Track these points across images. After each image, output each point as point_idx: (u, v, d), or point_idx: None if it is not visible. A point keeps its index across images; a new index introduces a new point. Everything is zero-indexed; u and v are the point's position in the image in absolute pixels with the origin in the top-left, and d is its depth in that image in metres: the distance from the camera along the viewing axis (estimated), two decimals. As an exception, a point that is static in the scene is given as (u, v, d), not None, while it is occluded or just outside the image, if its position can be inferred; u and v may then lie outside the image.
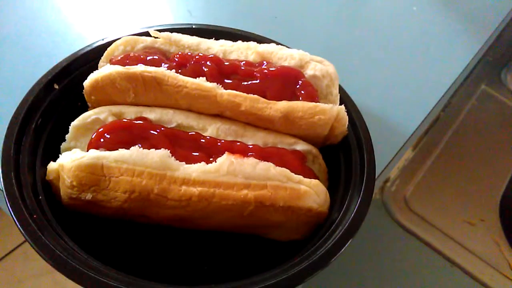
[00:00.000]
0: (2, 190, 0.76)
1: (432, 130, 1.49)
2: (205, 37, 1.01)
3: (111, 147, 0.79)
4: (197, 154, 0.82)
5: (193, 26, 1.10)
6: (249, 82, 0.91)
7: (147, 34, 1.01)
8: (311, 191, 0.80)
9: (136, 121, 0.85)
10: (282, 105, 0.87)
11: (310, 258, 0.73)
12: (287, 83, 0.91)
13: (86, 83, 0.90)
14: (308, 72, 0.94)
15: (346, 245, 0.75)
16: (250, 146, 0.86)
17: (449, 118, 1.55)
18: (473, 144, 1.54)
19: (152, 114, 0.88)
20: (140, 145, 0.80)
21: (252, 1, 1.64)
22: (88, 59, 0.99)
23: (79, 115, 0.88)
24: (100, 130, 0.83)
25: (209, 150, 0.84)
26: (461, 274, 1.15)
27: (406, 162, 1.40)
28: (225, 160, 0.79)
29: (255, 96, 0.88)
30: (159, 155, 0.77)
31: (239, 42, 0.99)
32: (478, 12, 1.78)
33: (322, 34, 1.56)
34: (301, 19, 1.59)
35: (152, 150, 0.78)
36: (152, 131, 0.83)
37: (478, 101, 1.66)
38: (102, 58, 0.98)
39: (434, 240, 1.21)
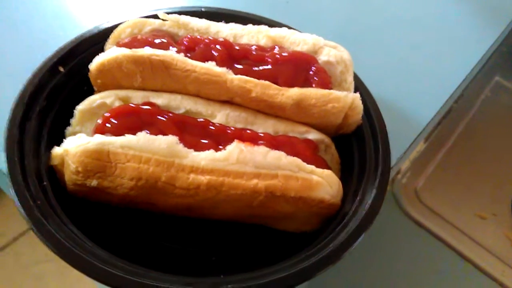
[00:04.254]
0: (7, 175, 0.74)
1: (444, 122, 1.45)
2: (214, 21, 0.97)
3: (118, 133, 0.77)
4: (206, 141, 0.80)
5: (202, 9, 1.07)
6: (260, 68, 0.88)
7: (155, 16, 0.98)
8: (324, 182, 0.77)
9: (143, 106, 0.83)
10: (294, 92, 0.84)
11: (322, 252, 0.71)
12: (300, 69, 0.88)
13: (92, 66, 0.87)
14: (322, 57, 0.90)
15: (360, 239, 0.73)
16: (261, 134, 0.83)
17: (461, 109, 1.52)
18: (486, 136, 1.51)
19: (160, 99, 0.86)
20: (147, 131, 0.77)
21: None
22: (95, 41, 0.96)
23: (85, 99, 0.86)
24: (106, 114, 0.80)
25: (218, 138, 0.81)
26: (471, 268, 1.13)
27: (417, 154, 1.38)
28: (234, 148, 0.76)
29: (266, 82, 0.85)
30: (167, 142, 0.75)
31: (250, 25, 0.96)
32: (494, 2, 1.74)
33: (335, 21, 1.52)
34: (314, 4, 1.55)
35: (160, 136, 0.76)
36: (159, 117, 0.80)
37: (491, 93, 1.63)
38: (108, 40, 0.95)
39: (444, 234, 1.19)
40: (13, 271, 2.45)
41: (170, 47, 0.88)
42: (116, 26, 0.96)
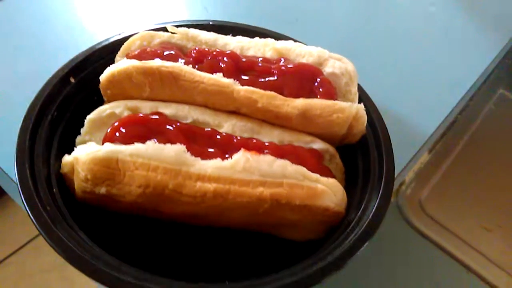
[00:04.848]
0: (17, 183, 0.75)
1: (448, 134, 1.46)
2: (222, 34, 1.00)
3: (127, 141, 0.78)
4: (212, 150, 0.81)
5: (210, 23, 1.10)
6: (267, 79, 0.89)
7: (164, 29, 1.01)
8: (328, 190, 0.78)
9: (152, 115, 0.84)
10: (300, 103, 0.86)
11: (327, 258, 0.72)
12: (305, 80, 0.90)
13: (103, 77, 0.90)
14: (327, 69, 0.92)
15: (364, 246, 0.74)
16: (266, 144, 0.85)
17: (466, 121, 1.52)
18: (490, 148, 1.52)
19: (168, 109, 0.87)
20: (155, 140, 0.79)
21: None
22: (105, 53, 0.99)
23: (95, 109, 0.88)
24: (115, 124, 0.82)
25: (225, 147, 0.82)
26: (477, 280, 1.12)
27: (421, 165, 1.38)
28: (241, 157, 0.77)
29: (272, 93, 0.86)
30: (175, 150, 0.76)
31: (257, 38, 0.98)
32: (497, 13, 1.76)
33: (338, 32, 1.54)
34: (318, 17, 1.58)
35: (168, 145, 0.77)
36: (168, 126, 0.82)
37: (495, 105, 1.63)
38: (118, 52, 0.97)
39: (449, 245, 1.19)
40: (17, 280, 2.46)
41: (179, 59, 0.90)
42: (126, 38, 0.99)
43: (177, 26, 1.00)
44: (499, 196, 1.38)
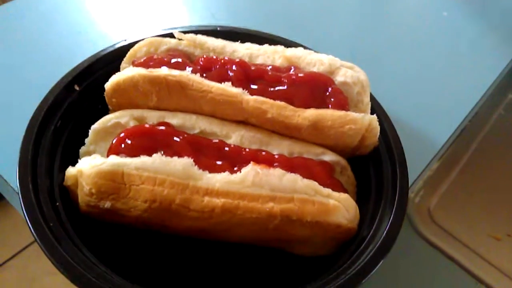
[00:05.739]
0: (19, 196, 0.73)
1: (457, 140, 1.44)
2: (230, 40, 0.97)
3: (132, 154, 0.76)
4: (220, 163, 0.79)
5: (218, 29, 1.07)
6: (276, 88, 0.87)
7: (171, 35, 0.98)
8: (341, 206, 0.76)
9: (158, 126, 0.82)
10: (311, 113, 0.83)
11: (340, 278, 0.69)
12: (316, 89, 0.87)
13: (108, 85, 0.87)
14: (338, 78, 0.90)
15: (378, 266, 0.71)
16: (276, 156, 0.82)
17: (475, 128, 1.51)
18: (499, 155, 1.50)
19: (175, 119, 0.85)
20: (162, 152, 0.76)
21: (276, 4, 1.61)
22: (110, 60, 0.97)
23: (100, 118, 0.86)
24: (121, 135, 0.80)
25: (233, 159, 0.80)
26: (486, 290, 1.10)
27: (430, 173, 1.36)
28: (250, 171, 0.75)
29: (282, 103, 0.84)
30: (182, 164, 0.74)
31: (266, 45, 0.96)
32: (508, 21, 1.73)
33: (349, 39, 1.52)
34: (327, 24, 1.55)
35: (175, 158, 0.75)
36: (175, 138, 0.79)
37: (505, 111, 1.61)
38: (124, 59, 0.95)
39: (458, 255, 1.17)
40: (19, 284, 2.44)
41: (186, 67, 0.88)
42: (132, 44, 0.96)
43: (184, 32, 0.97)
44: (508, 204, 1.37)
